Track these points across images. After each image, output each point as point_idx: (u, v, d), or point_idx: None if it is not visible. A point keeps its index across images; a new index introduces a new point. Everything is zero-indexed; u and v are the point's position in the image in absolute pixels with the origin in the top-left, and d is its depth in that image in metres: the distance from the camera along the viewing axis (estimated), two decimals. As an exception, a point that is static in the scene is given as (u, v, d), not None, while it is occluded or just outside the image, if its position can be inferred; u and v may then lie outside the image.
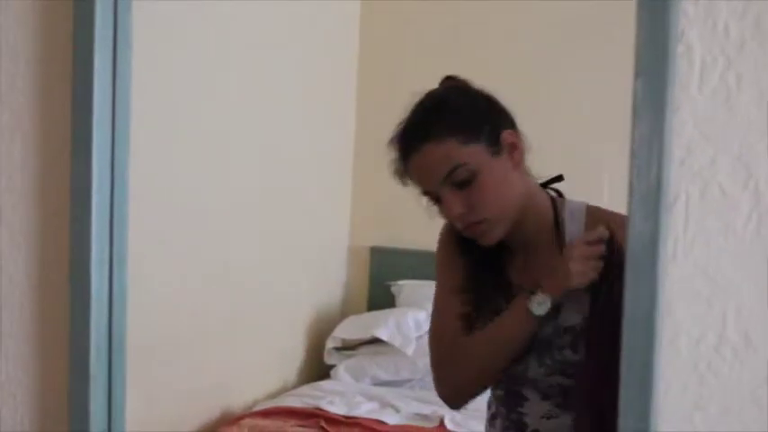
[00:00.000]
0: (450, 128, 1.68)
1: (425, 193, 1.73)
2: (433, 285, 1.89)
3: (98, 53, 1.43)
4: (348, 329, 4.00)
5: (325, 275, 4.29)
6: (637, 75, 1.19)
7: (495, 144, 1.70)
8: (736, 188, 1.20)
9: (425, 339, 3.77)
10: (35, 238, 1.56)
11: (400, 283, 4.17)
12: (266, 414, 3.45)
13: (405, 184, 1.78)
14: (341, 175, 4.39)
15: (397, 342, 3.83)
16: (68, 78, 1.48)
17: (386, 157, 1.90)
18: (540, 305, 1.68)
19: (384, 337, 3.83)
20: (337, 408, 3.51)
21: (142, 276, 2.19)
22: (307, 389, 3.79)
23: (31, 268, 1.56)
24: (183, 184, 3.14)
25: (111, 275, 1.46)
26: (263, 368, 3.82)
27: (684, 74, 1.20)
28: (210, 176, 3.31)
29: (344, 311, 4.34)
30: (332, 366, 3.98)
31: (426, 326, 3.89)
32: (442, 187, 1.68)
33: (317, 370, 4.08)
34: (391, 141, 1.78)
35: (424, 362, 3.81)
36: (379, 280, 4.29)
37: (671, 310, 1.23)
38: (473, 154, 1.68)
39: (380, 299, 4.25)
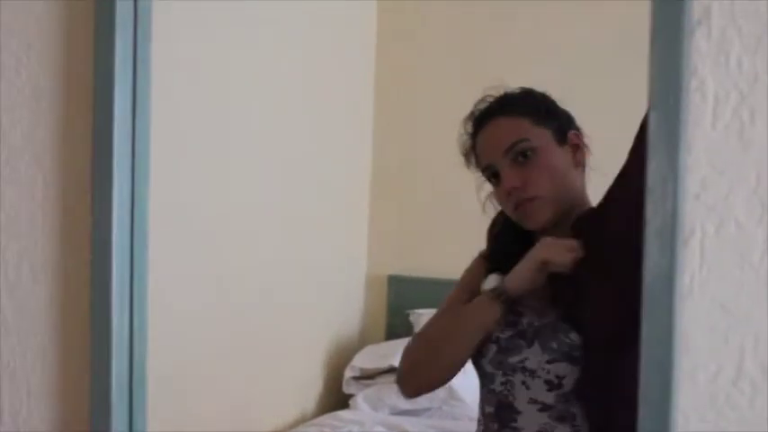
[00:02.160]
0: (525, 108, 1.81)
1: (485, 169, 1.82)
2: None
3: (118, 92, 1.45)
4: (366, 359, 4.00)
5: (343, 304, 4.29)
6: (650, 110, 1.20)
7: (561, 137, 1.81)
8: (752, 222, 1.20)
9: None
10: (56, 273, 1.58)
11: (418, 311, 4.16)
12: (285, 444, 3.45)
13: (468, 164, 1.88)
14: (358, 203, 4.40)
15: (415, 371, 3.82)
16: (89, 117, 1.51)
17: (403, 185, 1.94)
18: (488, 281, 1.79)
19: (402, 367, 3.82)
20: (356, 437, 3.50)
21: (159, 307, 2.20)
22: (325, 418, 3.78)
23: (53, 305, 1.58)
24: (199, 212, 3.16)
25: (132, 308, 1.48)
26: (282, 398, 3.81)
27: (698, 109, 1.21)
28: (226, 205, 3.32)
29: (362, 340, 4.34)
30: (350, 396, 3.97)
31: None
32: (503, 159, 1.78)
33: (335, 399, 4.07)
34: (468, 117, 1.88)
35: (443, 390, 3.84)
36: (398, 308, 4.28)
37: (688, 344, 1.23)
38: (540, 135, 1.79)
39: (399, 327, 4.24)
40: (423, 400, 3.84)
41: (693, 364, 1.24)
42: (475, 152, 1.85)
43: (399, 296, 4.30)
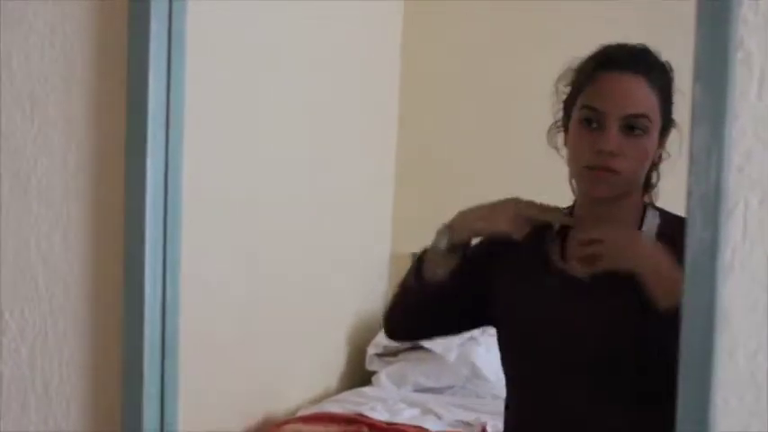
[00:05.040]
0: (661, 87, 1.69)
1: (588, 108, 1.68)
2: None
3: (153, 63, 1.44)
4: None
5: (367, 282, 4.28)
6: (696, 81, 1.18)
7: (663, 132, 1.72)
8: (797, 196, 1.18)
9: (468, 346, 3.80)
10: (90, 243, 1.57)
11: (442, 289, 4.15)
12: (308, 420, 3.45)
13: (562, 86, 1.75)
14: (383, 181, 4.39)
15: (438, 348, 3.82)
16: (123, 86, 1.50)
17: (428, 164, 1.92)
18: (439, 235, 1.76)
19: (425, 344, 3.82)
20: (379, 414, 3.50)
21: (184, 282, 2.19)
22: (348, 395, 3.79)
23: (86, 273, 1.58)
24: (227, 190, 3.15)
25: (165, 278, 1.47)
26: (306, 374, 3.82)
27: (744, 80, 1.19)
28: (254, 182, 3.31)
29: (386, 319, 4.33)
30: (373, 373, 3.97)
31: (468, 333, 3.88)
32: (615, 119, 1.65)
33: (358, 376, 4.08)
34: (604, 49, 1.72)
35: (466, 368, 3.84)
36: (421, 287, 4.26)
37: (729, 319, 1.21)
38: (656, 120, 1.68)
39: (422, 305, 4.23)
40: (446, 379, 3.85)
41: (734, 340, 1.22)
42: (590, 82, 1.69)
43: (423, 275, 4.28)
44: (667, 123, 1.72)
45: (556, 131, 1.79)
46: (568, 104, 1.74)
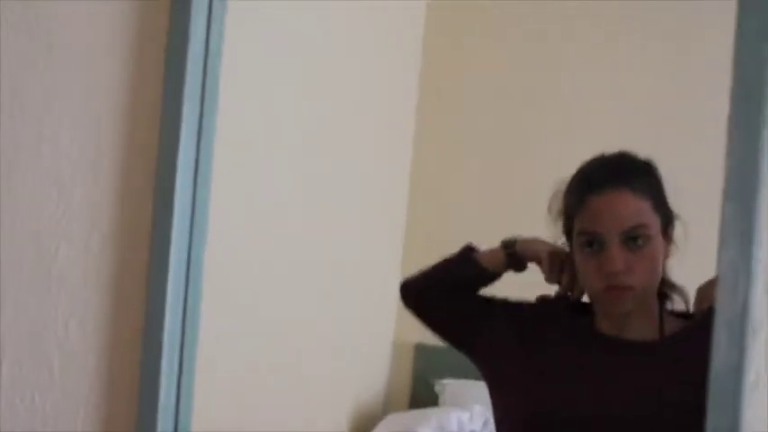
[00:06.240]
0: (649, 188, 1.73)
1: (585, 233, 1.71)
2: (478, 385, 1.93)
3: (185, 115, 1.45)
4: (389, 427, 3.94)
5: (368, 371, 4.24)
6: (725, 200, 1.19)
7: (665, 229, 1.74)
8: (824, 320, 1.18)
9: (469, 440, 3.75)
10: (108, 331, 1.56)
11: (444, 381, 4.12)
12: None
13: (556, 213, 1.80)
14: (387, 269, 4.38)
15: (440, 444, 3.77)
16: (150, 173, 1.51)
17: (434, 252, 1.94)
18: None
19: (426, 438, 3.77)
20: (376, 508, 3.44)
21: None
22: (345, 487, 3.73)
23: (102, 362, 1.56)
24: (226, 273, 3.12)
25: (180, 377, 1.46)
26: (302, 463, 3.76)
27: (773, 200, 1.19)
28: (255, 265, 3.28)
29: (386, 408, 4.28)
30: (372, 465, 3.91)
31: (470, 427, 3.84)
32: (614, 238, 1.67)
33: (356, 468, 4.02)
34: (583, 169, 1.78)
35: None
36: (423, 378, 4.23)
37: (752, 440, 1.20)
38: (654, 224, 1.71)
39: (423, 397, 4.19)
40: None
41: (756, 461, 1.20)
42: (580, 209, 1.73)
43: (425, 365, 4.25)
44: (668, 219, 1.74)
45: None
46: (567, 230, 1.78)
